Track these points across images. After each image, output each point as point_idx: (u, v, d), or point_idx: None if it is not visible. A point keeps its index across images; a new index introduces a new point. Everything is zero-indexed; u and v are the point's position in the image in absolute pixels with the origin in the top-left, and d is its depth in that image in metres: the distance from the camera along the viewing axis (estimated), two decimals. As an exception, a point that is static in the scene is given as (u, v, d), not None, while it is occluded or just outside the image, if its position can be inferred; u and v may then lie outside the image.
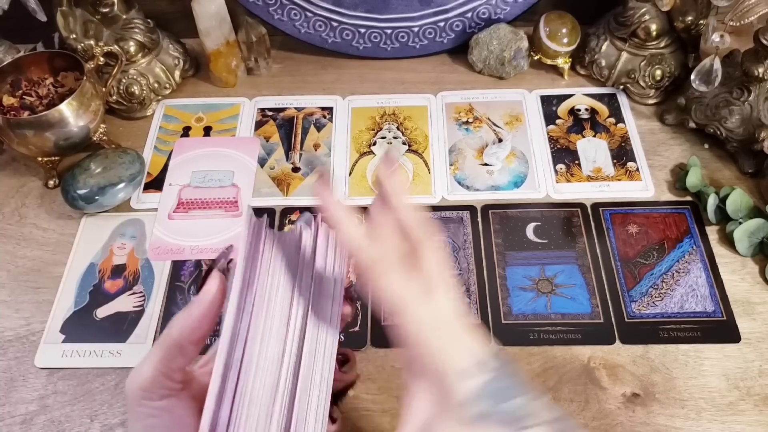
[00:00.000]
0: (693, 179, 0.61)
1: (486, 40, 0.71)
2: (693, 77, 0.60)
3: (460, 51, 0.75)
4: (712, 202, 0.59)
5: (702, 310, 0.54)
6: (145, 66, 0.70)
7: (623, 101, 0.70)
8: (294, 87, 0.73)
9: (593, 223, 0.60)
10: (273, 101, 0.72)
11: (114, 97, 0.69)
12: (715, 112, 0.62)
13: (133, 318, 0.55)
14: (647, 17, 0.66)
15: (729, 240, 0.58)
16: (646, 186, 0.63)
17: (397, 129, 0.69)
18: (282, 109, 0.71)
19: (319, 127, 0.69)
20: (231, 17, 0.70)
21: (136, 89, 0.69)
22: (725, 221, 0.59)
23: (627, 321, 0.54)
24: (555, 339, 0.53)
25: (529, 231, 0.60)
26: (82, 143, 0.63)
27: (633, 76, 0.68)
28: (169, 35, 0.73)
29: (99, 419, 0.50)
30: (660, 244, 0.59)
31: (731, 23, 0.56)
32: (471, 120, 0.69)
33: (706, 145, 0.66)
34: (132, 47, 0.68)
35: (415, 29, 0.73)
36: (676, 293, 0.55)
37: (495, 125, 0.69)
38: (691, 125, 0.65)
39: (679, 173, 0.63)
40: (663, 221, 0.60)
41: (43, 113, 0.59)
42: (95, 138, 0.64)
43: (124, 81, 0.69)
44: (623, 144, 0.66)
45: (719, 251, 0.58)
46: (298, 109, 0.71)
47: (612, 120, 0.69)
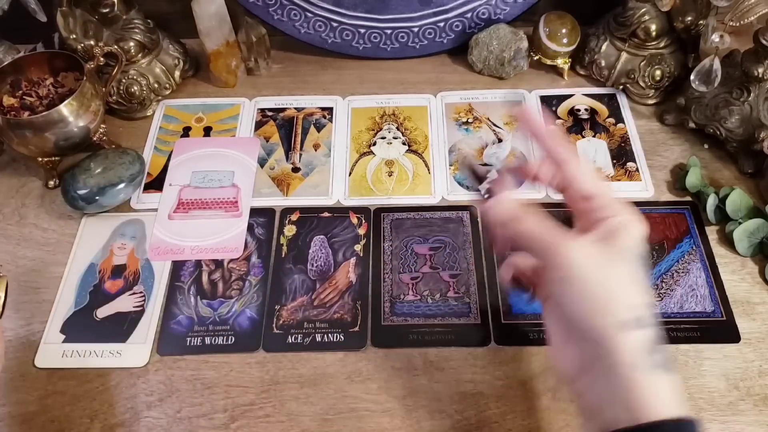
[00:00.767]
0: (693, 179, 0.61)
1: (486, 40, 0.71)
2: (693, 77, 0.60)
3: (460, 51, 0.75)
4: (711, 202, 0.59)
5: (702, 310, 0.54)
6: (145, 66, 0.70)
7: (623, 101, 0.70)
8: (294, 87, 0.73)
9: (593, 223, 0.60)
10: (273, 101, 0.72)
11: (114, 98, 0.69)
12: (715, 112, 0.62)
13: (134, 318, 0.55)
14: (647, 17, 0.66)
15: (729, 240, 0.58)
16: (645, 186, 0.63)
17: (397, 129, 0.69)
18: (282, 110, 0.71)
19: (319, 128, 0.69)
20: (231, 17, 0.70)
21: (136, 89, 0.69)
22: (725, 221, 0.59)
23: (627, 321, 0.54)
24: (555, 339, 0.53)
25: (529, 231, 0.60)
26: (82, 143, 0.63)
27: (633, 76, 0.68)
28: (169, 35, 0.73)
29: (99, 419, 0.50)
30: (660, 244, 0.59)
31: (731, 23, 0.56)
32: (471, 120, 0.69)
33: (705, 146, 0.66)
34: (132, 47, 0.68)
35: (415, 29, 0.73)
36: (675, 293, 0.55)
37: (495, 125, 0.69)
38: (691, 125, 0.65)
39: (679, 173, 0.63)
40: (663, 221, 0.60)
41: (43, 113, 0.59)
42: (95, 138, 0.64)
43: (124, 81, 0.69)
44: (623, 144, 0.66)
45: (719, 251, 0.58)
46: (298, 110, 0.71)
47: (612, 120, 0.69)
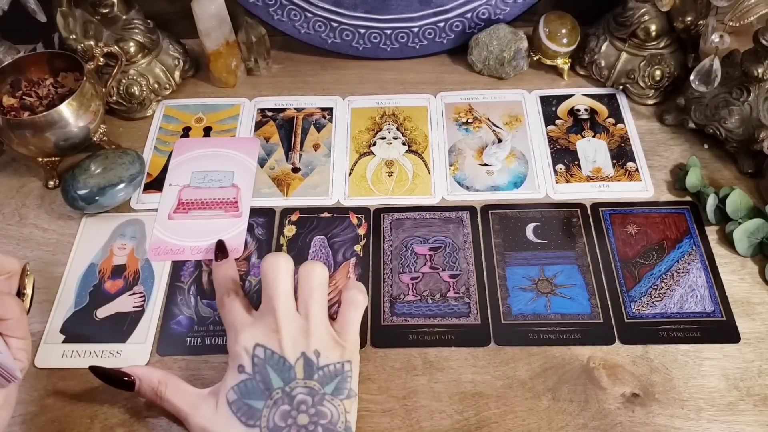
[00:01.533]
0: (692, 179, 0.61)
1: (486, 40, 0.71)
2: (692, 77, 0.60)
3: (459, 51, 0.75)
4: (711, 202, 0.59)
5: (702, 310, 0.54)
6: (145, 66, 0.70)
7: (623, 101, 0.70)
8: (294, 87, 0.74)
9: (593, 224, 0.60)
10: (273, 102, 0.72)
11: (114, 98, 0.69)
12: (715, 112, 0.62)
13: (133, 318, 0.55)
14: (647, 17, 0.66)
15: (728, 240, 0.58)
16: (645, 186, 0.63)
17: (397, 129, 0.69)
18: (282, 110, 0.71)
19: (319, 128, 0.69)
20: (231, 18, 0.70)
21: (136, 90, 0.69)
22: (725, 221, 0.59)
23: (626, 321, 0.54)
24: (554, 339, 0.53)
25: (529, 231, 0.60)
26: (82, 144, 0.63)
27: (632, 76, 0.68)
28: (169, 36, 0.73)
29: (99, 419, 0.50)
30: (659, 244, 0.59)
31: (731, 23, 0.56)
32: (471, 120, 0.69)
33: (705, 146, 0.66)
34: (132, 48, 0.68)
35: (415, 30, 0.73)
36: (675, 293, 0.55)
37: (495, 125, 0.69)
38: (691, 125, 0.65)
39: (679, 173, 0.63)
40: (662, 221, 0.60)
41: (43, 114, 0.59)
42: (95, 138, 0.64)
43: (124, 81, 0.69)
44: (623, 144, 0.66)
45: (719, 251, 0.58)
46: (298, 110, 0.71)
47: (611, 120, 0.69)
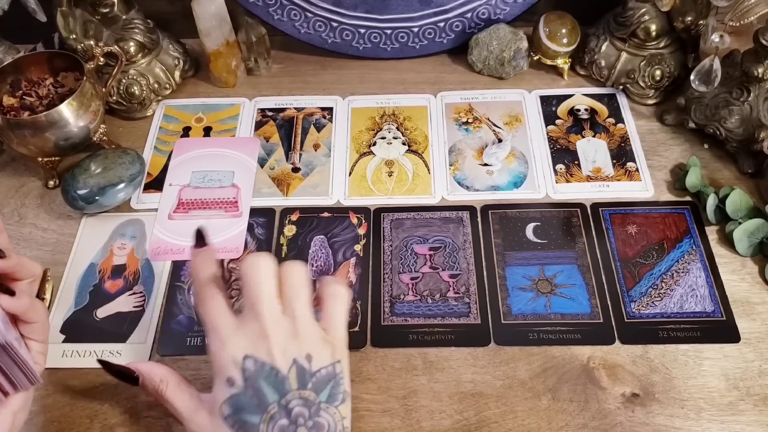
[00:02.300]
0: (692, 179, 0.61)
1: (486, 40, 0.71)
2: (692, 77, 0.60)
3: (459, 51, 0.75)
4: (711, 202, 0.59)
5: (702, 310, 0.54)
6: (145, 66, 0.70)
7: (623, 101, 0.70)
8: (294, 87, 0.74)
9: (593, 224, 0.60)
10: (273, 101, 0.72)
11: (114, 98, 0.69)
12: (715, 112, 0.62)
13: (134, 318, 0.55)
14: (647, 17, 0.66)
15: (729, 240, 0.58)
16: (645, 186, 0.63)
17: (397, 129, 0.69)
18: (282, 110, 0.71)
19: (319, 128, 0.69)
20: (231, 17, 0.70)
21: (136, 89, 0.69)
22: (725, 221, 0.59)
23: (626, 321, 0.54)
24: (554, 339, 0.53)
25: (529, 231, 0.60)
26: (82, 143, 0.63)
27: (632, 76, 0.68)
28: (169, 35, 0.73)
29: (99, 419, 0.50)
30: (659, 244, 0.59)
31: (731, 23, 0.56)
32: (471, 120, 0.69)
33: (705, 145, 0.66)
34: (132, 47, 0.68)
35: (415, 29, 0.73)
36: (675, 293, 0.55)
37: (495, 125, 0.69)
38: (691, 125, 0.65)
39: (679, 173, 0.63)
40: (662, 221, 0.60)
41: (43, 113, 0.59)
42: (95, 138, 0.64)
43: (124, 81, 0.69)
44: (623, 144, 0.66)
45: (719, 251, 0.58)
46: (298, 110, 0.71)
47: (611, 120, 0.69)
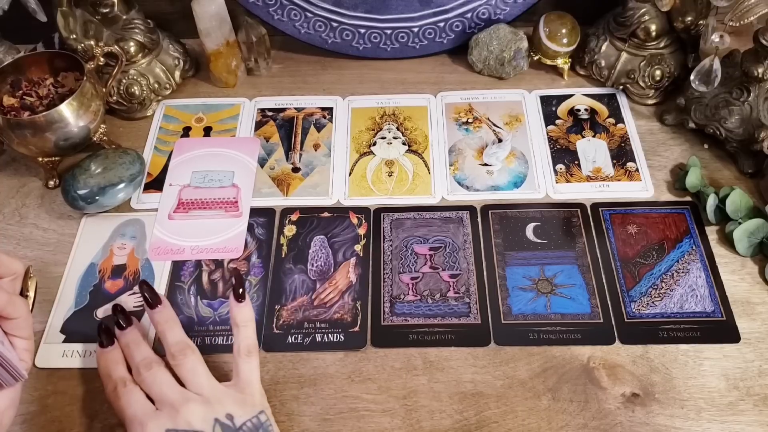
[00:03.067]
0: (692, 179, 0.61)
1: (486, 40, 0.71)
2: (692, 77, 0.60)
3: (460, 51, 0.75)
4: (711, 202, 0.59)
5: (701, 310, 0.54)
6: (145, 66, 0.70)
7: (623, 101, 0.70)
8: (294, 87, 0.74)
9: (593, 224, 0.60)
10: (273, 101, 0.72)
11: (114, 98, 0.69)
12: (715, 112, 0.62)
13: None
14: (647, 17, 0.66)
15: (728, 240, 0.58)
16: (645, 186, 0.63)
17: (397, 129, 0.69)
18: (282, 110, 0.71)
19: (319, 128, 0.69)
20: (231, 17, 0.70)
21: (136, 89, 0.69)
22: (725, 221, 0.59)
23: (626, 321, 0.54)
24: (555, 339, 0.53)
25: (529, 231, 0.60)
26: (82, 143, 0.63)
27: (632, 76, 0.68)
28: (169, 35, 0.73)
29: (99, 419, 0.50)
30: (659, 244, 0.59)
31: (731, 23, 0.56)
32: (471, 120, 0.69)
33: (705, 146, 0.66)
34: (132, 47, 0.68)
35: (415, 30, 0.73)
36: (675, 293, 0.55)
37: (495, 125, 0.69)
38: (691, 125, 0.65)
39: (679, 173, 0.63)
40: (662, 221, 0.60)
41: (43, 113, 0.59)
42: (95, 138, 0.64)
43: (124, 81, 0.69)
44: (623, 144, 0.66)
45: (719, 251, 0.58)
46: (298, 110, 0.71)
47: (612, 120, 0.69)
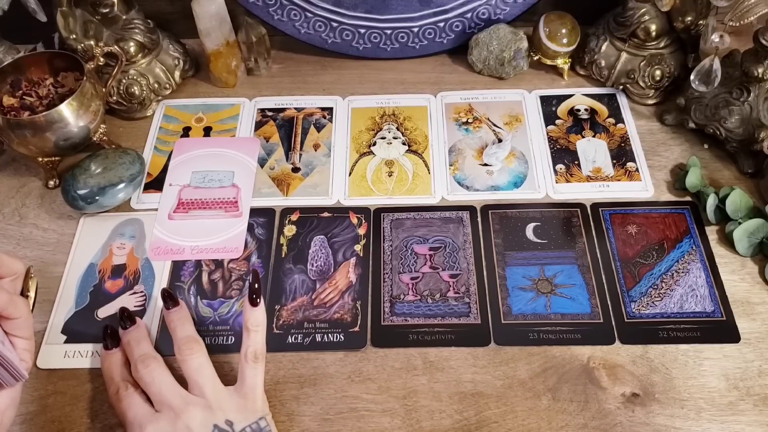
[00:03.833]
0: (692, 179, 0.61)
1: (486, 40, 0.71)
2: (692, 77, 0.60)
3: (459, 51, 0.75)
4: (711, 202, 0.59)
5: (701, 310, 0.54)
6: (145, 66, 0.70)
7: (623, 101, 0.70)
8: (294, 87, 0.74)
9: (593, 224, 0.60)
10: (273, 101, 0.72)
11: (114, 98, 0.69)
12: (715, 112, 0.62)
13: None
14: (647, 17, 0.66)
15: (728, 240, 0.58)
16: (645, 186, 0.63)
17: (397, 129, 0.69)
18: (282, 110, 0.71)
19: (319, 128, 0.69)
20: (231, 17, 0.70)
21: (136, 89, 0.69)
22: (725, 221, 0.59)
23: (626, 321, 0.54)
24: (555, 339, 0.53)
25: (529, 231, 0.60)
26: (82, 143, 0.63)
27: (632, 76, 0.68)
28: (169, 35, 0.73)
29: (99, 419, 0.50)
30: (659, 244, 0.59)
31: (731, 23, 0.56)
32: (471, 120, 0.69)
33: (705, 146, 0.66)
34: (132, 47, 0.68)
35: (415, 30, 0.73)
36: (675, 293, 0.55)
37: (495, 125, 0.69)
38: (691, 125, 0.65)
39: (679, 173, 0.63)
40: (662, 221, 0.60)
41: (43, 113, 0.59)
42: (95, 138, 0.64)
43: (124, 81, 0.69)
44: (623, 144, 0.66)
45: (719, 251, 0.58)
46: (298, 110, 0.71)
47: (611, 120, 0.69)
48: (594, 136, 0.67)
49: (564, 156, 0.66)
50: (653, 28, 0.66)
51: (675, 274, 0.57)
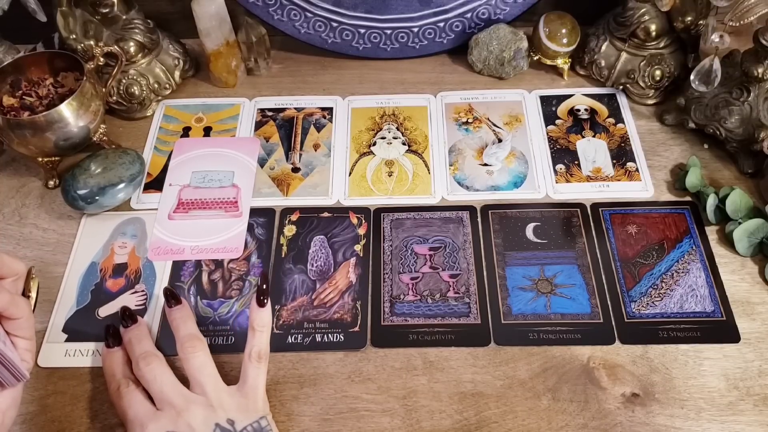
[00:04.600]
0: (692, 179, 0.61)
1: (486, 40, 0.71)
2: (692, 77, 0.60)
3: (459, 51, 0.75)
4: (711, 202, 0.59)
5: (701, 310, 0.54)
6: (145, 66, 0.70)
7: (623, 101, 0.70)
8: (294, 87, 0.74)
9: (593, 224, 0.60)
10: (273, 101, 0.72)
11: (114, 98, 0.69)
12: (715, 112, 0.62)
13: (134, 318, 0.55)
14: (647, 17, 0.66)
15: (728, 240, 0.58)
16: (645, 186, 0.63)
17: (397, 129, 0.69)
18: (282, 110, 0.71)
19: (319, 128, 0.69)
20: (231, 18, 0.70)
21: (136, 89, 0.69)
22: (725, 221, 0.59)
23: (626, 321, 0.54)
24: (555, 339, 0.53)
25: (529, 231, 0.60)
26: (82, 143, 0.63)
27: (632, 76, 0.68)
28: (169, 35, 0.73)
29: (99, 419, 0.50)
30: (659, 244, 0.59)
31: (731, 23, 0.56)
32: (471, 120, 0.69)
33: (705, 146, 0.66)
34: (132, 47, 0.68)
35: (415, 30, 0.73)
36: (675, 293, 0.55)
37: (495, 125, 0.69)
38: (691, 125, 0.65)
39: (679, 173, 0.63)
40: (662, 221, 0.60)
41: (43, 113, 0.59)
42: (95, 138, 0.64)
43: (124, 81, 0.69)
44: (623, 144, 0.66)
45: (719, 251, 0.58)
46: (298, 110, 0.71)
47: (611, 120, 0.69)
48: (594, 136, 0.67)
49: (564, 156, 0.66)
50: (653, 28, 0.66)
51: (675, 274, 0.57)
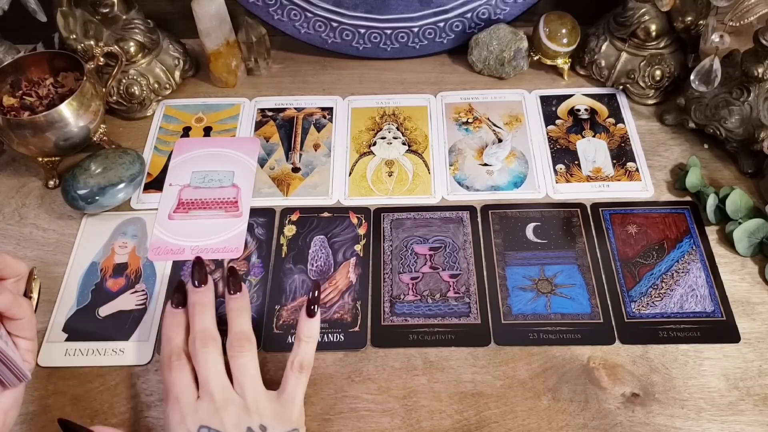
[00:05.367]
0: (692, 179, 0.61)
1: (486, 40, 0.71)
2: (692, 77, 0.60)
3: (460, 51, 0.75)
4: (711, 202, 0.59)
5: (701, 310, 0.54)
6: (145, 66, 0.70)
7: (623, 101, 0.70)
8: (294, 87, 0.74)
9: (593, 224, 0.60)
10: (273, 101, 0.72)
11: (114, 98, 0.69)
12: (715, 112, 0.62)
13: (136, 316, 0.55)
14: (647, 17, 0.66)
15: (728, 240, 0.58)
16: (645, 186, 0.63)
17: (397, 129, 0.69)
18: (282, 110, 0.71)
19: (319, 128, 0.69)
20: (231, 18, 0.70)
21: (136, 89, 0.69)
22: (725, 221, 0.59)
23: (626, 321, 0.54)
24: (555, 339, 0.53)
25: (529, 231, 0.60)
26: (82, 143, 0.63)
27: (633, 76, 0.68)
28: (169, 35, 0.73)
29: (99, 419, 0.50)
30: (660, 244, 0.59)
31: (731, 23, 0.56)
32: (471, 120, 0.69)
33: (705, 146, 0.66)
34: (132, 47, 0.68)
35: (415, 30, 0.73)
36: (675, 293, 0.55)
37: (495, 125, 0.69)
38: (691, 125, 0.65)
39: (679, 173, 0.63)
40: (662, 221, 0.60)
41: (43, 113, 0.59)
42: (95, 138, 0.64)
43: (124, 81, 0.69)
44: (623, 144, 0.66)
45: (719, 251, 0.58)
46: (298, 110, 0.71)
47: (612, 120, 0.69)
48: (594, 136, 0.67)
49: (564, 156, 0.66)
50: (653, 28, 0.66)
51: (675, 274, 0.57)
